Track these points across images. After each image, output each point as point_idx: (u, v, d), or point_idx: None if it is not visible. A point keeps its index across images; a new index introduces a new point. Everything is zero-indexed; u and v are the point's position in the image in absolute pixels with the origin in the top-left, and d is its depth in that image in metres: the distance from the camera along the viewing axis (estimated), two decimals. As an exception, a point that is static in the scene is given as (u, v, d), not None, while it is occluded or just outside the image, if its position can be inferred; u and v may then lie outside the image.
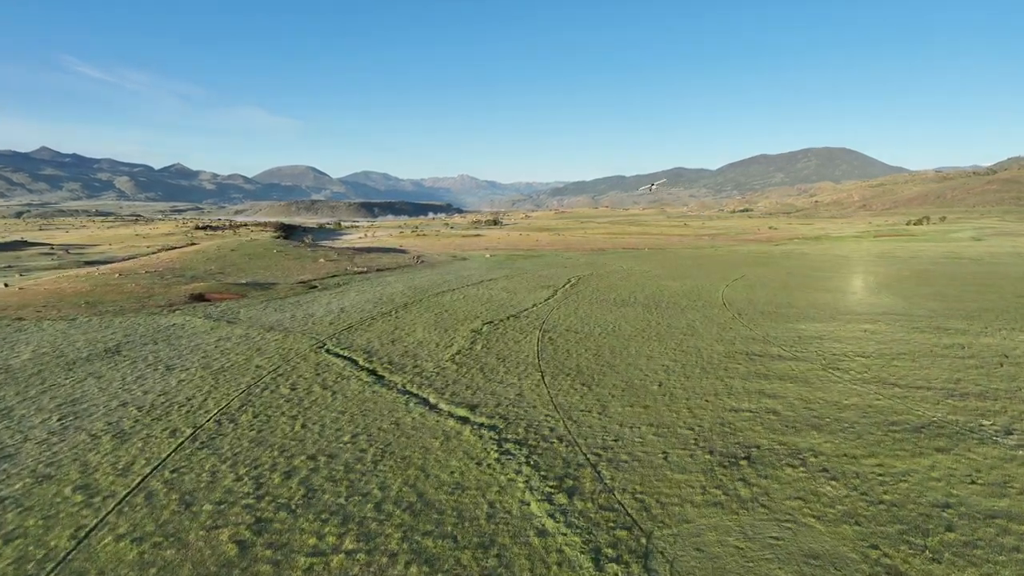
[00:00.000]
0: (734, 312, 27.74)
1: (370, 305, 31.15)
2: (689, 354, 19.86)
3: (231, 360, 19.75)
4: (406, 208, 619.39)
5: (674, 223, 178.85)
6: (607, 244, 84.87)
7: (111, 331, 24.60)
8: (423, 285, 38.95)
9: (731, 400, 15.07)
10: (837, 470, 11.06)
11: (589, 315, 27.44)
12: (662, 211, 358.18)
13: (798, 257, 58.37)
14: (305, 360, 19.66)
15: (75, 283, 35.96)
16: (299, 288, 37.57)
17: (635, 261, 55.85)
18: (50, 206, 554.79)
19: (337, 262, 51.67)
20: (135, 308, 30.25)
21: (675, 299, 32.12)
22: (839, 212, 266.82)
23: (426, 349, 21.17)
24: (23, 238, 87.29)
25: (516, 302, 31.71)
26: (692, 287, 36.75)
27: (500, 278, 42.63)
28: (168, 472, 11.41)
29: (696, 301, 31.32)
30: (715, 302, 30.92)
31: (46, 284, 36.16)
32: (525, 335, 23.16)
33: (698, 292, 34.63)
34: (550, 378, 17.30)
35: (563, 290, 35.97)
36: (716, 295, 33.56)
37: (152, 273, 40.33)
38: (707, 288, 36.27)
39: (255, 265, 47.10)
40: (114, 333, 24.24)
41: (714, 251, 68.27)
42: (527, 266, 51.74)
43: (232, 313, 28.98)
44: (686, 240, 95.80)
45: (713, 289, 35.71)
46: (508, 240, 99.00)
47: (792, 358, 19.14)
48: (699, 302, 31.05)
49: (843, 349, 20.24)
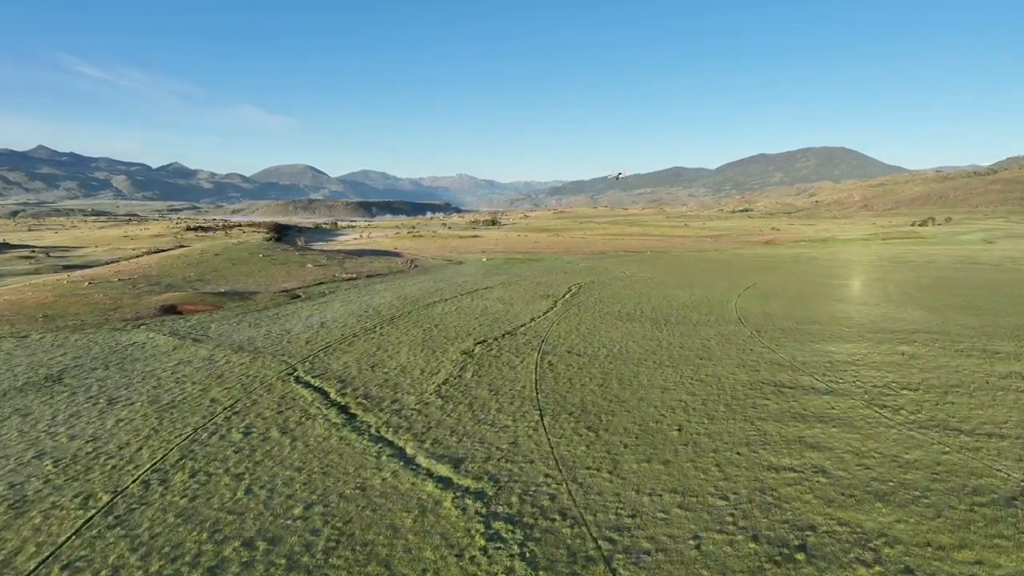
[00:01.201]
0: (752, 329, 25.23)
1: (354, 319, 28.61)
2: (709, 385, 17.33)
3: (185, 392, 17.20)
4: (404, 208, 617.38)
5: (674, 223, 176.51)
6: (607, 246, 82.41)
7: (61, 352, 22.06)
8: (414, 294, 36.41)
9: (767, 453, 12.55)
10: (925, 571, 8.54)
11: (592, 332, 24.91)
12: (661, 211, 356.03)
13: (807, 262, 55.89)
14: (269, 392, 17.12)
15: (39, 292, 33.40)
16: (281, 298, 35.02)
17: (638, 266, 53.34)
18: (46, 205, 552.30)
19: (326, 267, 49.13)
20: (97, 322, 27.69)
21: (685, 312, 29.61)
22: (840, 212, 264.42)
23: (409, 377, 18.63)
24: (5, 240, 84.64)
25: (512, 315, 29.20)
26: (701, 297, 34.25)
27: (496, 286, 40.10)
28: (57, 570, 8.87)
29: (708, 315, 28.80)
30: (729, 316, 28.41)
31: (7, 294, 33.58)
32: (522, 358, 20.63)
33: (709, 304, 32.12)
34: (550, 418, 14.78)
35: (563, 300, 33.45)
36: (729, 307, 31.07)
37: (125, 281, 37.78)
38: (718, 299, 33.76)
39: (238, 271, 44.55)
40: (64, 354, 21.69)
41: (719, 255, 65.78)
42: (525, 272, 49.23)
43: (202, 329, 26.43)
44: (688, 242, 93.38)
45: (724, 300, 33.20)
46: (506, 242, 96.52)
47: (828, 391, 16.62)
48: (711, 316, 28.54)
49: (884, 379, 17.71)
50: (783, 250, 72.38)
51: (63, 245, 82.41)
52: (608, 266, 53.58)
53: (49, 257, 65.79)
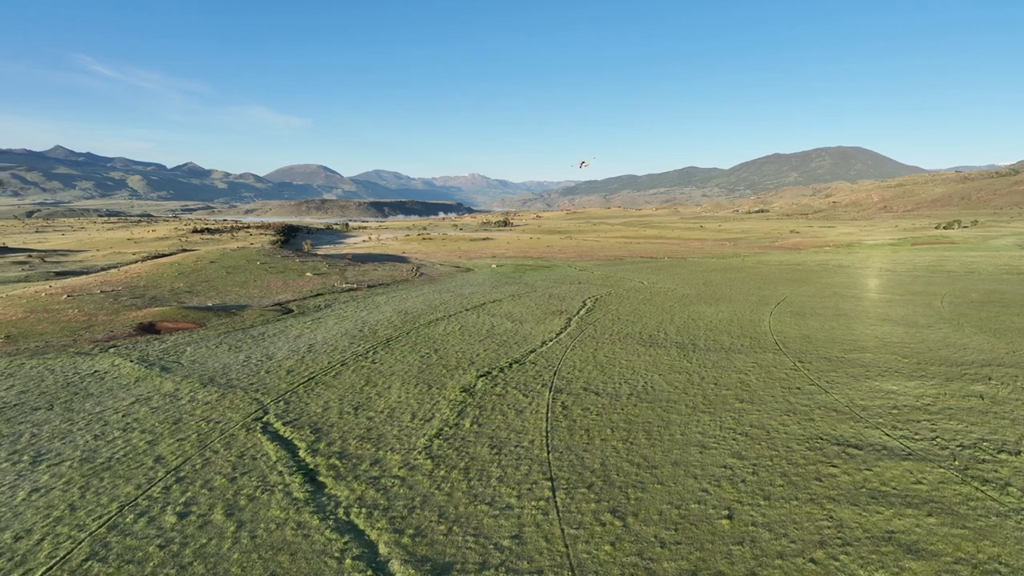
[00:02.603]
0: (793, 358, 22.08)
1: (346, 340, 25.77)
2: (757, 442, 14.28)
3: (129, 444, 14.38)
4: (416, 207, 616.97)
5: (689, 225, 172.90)
6: (622, 251, 79.24)
7: (7, 385, 19.36)
8: (416, 309, 33.53)
9: (854, 564, 9.48)
10: None
11: (612, 361, 21.89)
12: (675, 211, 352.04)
13: (837, 271, 52.48)
14: (228, 446, 14.26)
15: (9, 307, 30.86)
16: (271, 313, 32.27)
17: (656, 275, 50.18)
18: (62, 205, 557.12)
19: (325, 276, 46.42)
20: (63, 344, 25.04)
21: (714, 334, 26.51)
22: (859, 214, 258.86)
23: (397, 424, 15.72)
24: (4, 243, 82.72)
25: (522, 337, 26.25)
26: (730, 315, 31.10)
27: (505, 299, 37.15)
28: None
29: (741, 338, 25.69)
30: (764, 340, 25.28)
31: (-23, 308, 31.06)
32: (531, 398, 17.66)
33: (739, 323, 29.00)
34: (564, 494, 11.82)
35: (578, 318, 30.45)
36: (762, 327, 27.94)
37: (107, 293, 35.20)
38: (748, 317, 30.61)
39: (231, 281, 41.90)
40: (9, 388, 19.00)
41: (741, 262, 62.43)
42: (536, 281, 46.24)
43: (175, 353, 23.68)
44: (706, 246, 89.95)
45: (756, 319, 30.05)
46: (517, 245, 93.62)
47: (905, 452, 13.53)
48: (744, 339, 25.42)
49: (969, 435, 14.55)
50: (808, 256, 68.86)
51: (63, 249, 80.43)
52: (625, 275, 50.48)
53: (44, 263, 63.61)
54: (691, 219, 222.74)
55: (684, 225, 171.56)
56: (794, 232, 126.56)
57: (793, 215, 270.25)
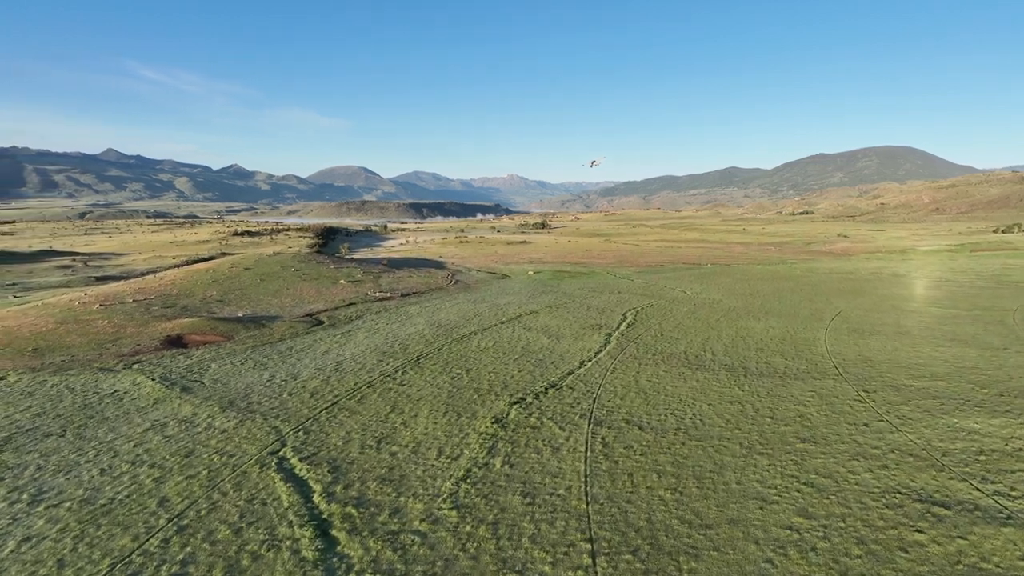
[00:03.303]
0: (856, 386, 20.14)
1: (374, 358, 24.65)
2: (826, 496, 12.56)
3: (136, 483, 13.39)
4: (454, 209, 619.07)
5: (731, 227, 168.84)
6: (663, 256, 76.98)
7: (25, 405, 18.70)
8: (449, 321, 32.33)
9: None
10: None
11: (656, 387, 20.27)
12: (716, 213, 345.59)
13: (893, 281, 49.66)
14: (239, 487, 13.15)
15: (42, 317, 30.61)
16: (300, 325, 31.42)
17: (699, 284, 48.13)
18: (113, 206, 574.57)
19: (359, 284, 45.62)
20: (88, 359, 24.48)
21: (766, 355, 24.64)
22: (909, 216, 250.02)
23: (422, 463, 14.42)
24: (52, 246, 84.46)
25: (558, 355, 24.78)
26: (782, 332, 29.12)
27: (542, 310, 35.70)
28: None
29: (795, 360, 23.78)
30: (822, 363, 23.31)
31: (10, 317, 30.90)
32: (568, 432, 16.19)
33: (793, 342, 27.04)
34: (606, 563, 10.30)
35: (618, 334, 28.84)
36: (818, 347, 25.94)
37: (139, 303, 34.84)
38: (802, 334, 28.59)
39: (264, 289, 41.33)
40: (27, 409, 18.32)
41: (789, 269, 59.78)
42: (575, 290, 44.67)
43: (199, 370, 22.86)
44: (750, 251, 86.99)
45: (810, 337, 28.01)
46: (555, 249, 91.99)
47: (1003, 515, 11.66)
48: (800, 362, 23.51)
49: (1075, 490, 12.64)
50: (859, 264, 65.74)
51: (107, 252, 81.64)
52: (666, 283, 48.55)
53: (87, 267, 64.39)
54: (733, 221, 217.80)
55: (726, 228, 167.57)
56: (842, 236, 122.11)
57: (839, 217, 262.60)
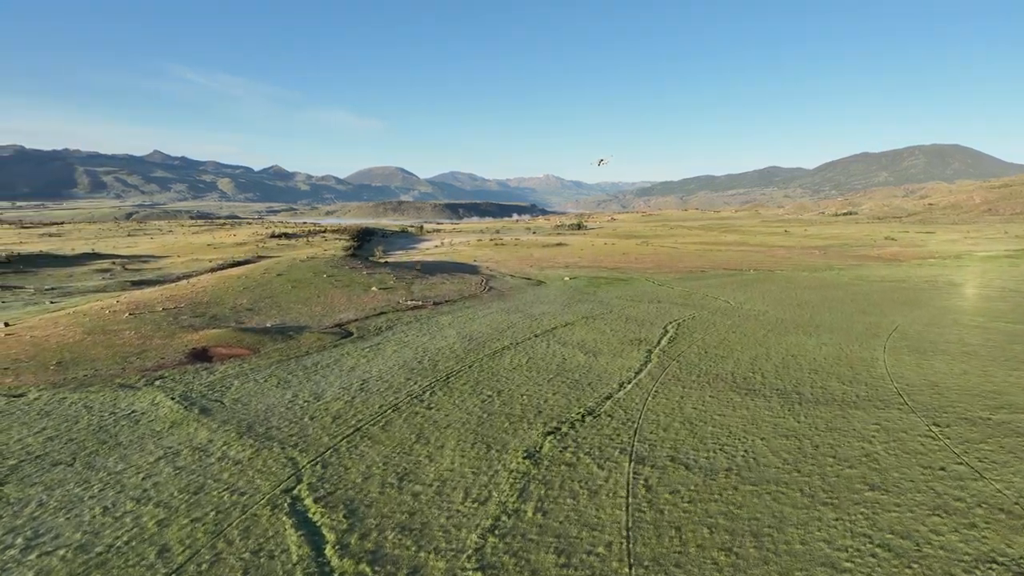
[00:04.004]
0: (925, 419, 18.26)
1: (402, 375, 23.54)
2: (908, 564, 10.82)
3: (137, 526, 12.38)
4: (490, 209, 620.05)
5: (772, 229, 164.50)
6: (703, 261, 74.62)
7: (40, 427, 18.01)
8: (481, 334, 31.10)
9: None
10: None
11: (702, 416, 18.68)
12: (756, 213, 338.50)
13: (950, 291, 46.83)
14: (246, 535, 12.04)
15: (70, 326, 30.27)
16: (328, 337, 30.53)
17: (742, 292, 46.06)
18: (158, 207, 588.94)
19: (391, 291, 44.72)
20: (111, 373, 23.87)
21: (821, 378, 22.80)
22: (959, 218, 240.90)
23: (446, 506, 13.15)
24: (94, 249, 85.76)
25: (596, 375, 23.33)
26: (836, 350, 27.15)
27: (578, 322, 34.24)
28: None
29: (854, 385, 21.90)
30: (883, 389, 21.39)
31: (41, 326, 30.65)
32: (607, 471, 14.75)
33: (849, 362, 25.09)
34: (654, 646, 8.95)
35: (659, 351, 27.22)
36: (877, 369, 23.96)
37: (169, 311, 34.38)
38: (858, 353, 26.58)
39: (295, 297, 40.67)
40: (40, 431, 17.61)
41: (836, 276, 57.06)
42: (612, 299, 43.05)
43: (220, 388, 22.02)
44: (793, 255, 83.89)
45: (868, 357, 25.99)
46: (591, 252, 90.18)
47: (1122, 594, 9.95)
48: (859, 387, 21.62)
49: None
50: (911, 271, 62.56)
51: (147, 255, 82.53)
52: (708, 291, 46.59)
53: (125, 270, 64.92)
54: (774, 222, 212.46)
55: (767, 229, 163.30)
56: (890, 239, 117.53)
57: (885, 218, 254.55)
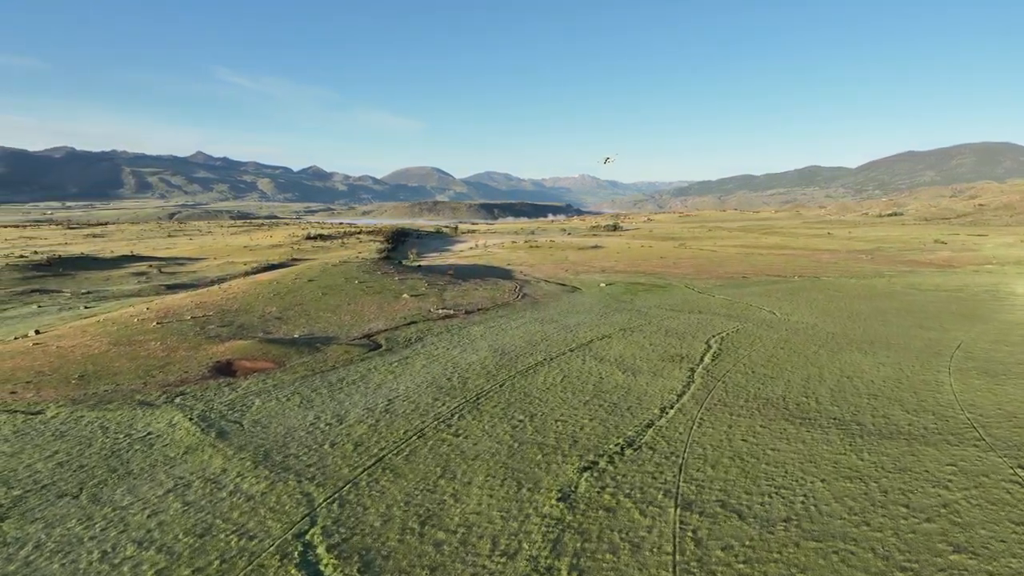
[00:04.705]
0: (1009, 460, 16.23)
1: (430, 395, 22.35)
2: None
3: (134, 575, 11.40)
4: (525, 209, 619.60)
5: (815, 231, 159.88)
6: (744, 266, 72.11)
7: (52, 450, 17.25)
8: (513, 347, 29.80)
9: None
10: None
11: (754, 451, 17.03)
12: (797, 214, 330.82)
13: (1014, 302, 43.88)
14: (251, 590, 10.94)
15: (97, 336, 29.85)
16: (356, 349, 29.54)
17: (788, 302, 43.88)
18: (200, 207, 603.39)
19: (423, 299, 43.70)
20: (132, 389, 23.18)
21: (882, 404, 20.91)
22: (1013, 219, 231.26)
23: (471, 559, 11.78)
24: (133, 251, 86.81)
25: (635, 398, 21.82)
26: (895, 371, 25.12)
27: (615, 334, 32.70)
28: None
29: (920, 414, 19.97)
30: (955, 420, 19.41)
31: (70, 336, 30.32)
32: (651, 519, 13.28)
33: (911, 386, 23.09)
34: None
35: (703, 370, 25.55)
36: (943, 395, 21.93)
37: (197, 319, 33.84)
38: (920, 375, 24.51)
39: (324, 305, 39.88)
40: (52, 455, 16.83)
41: (887, 284, 54.24)
42: (650, 308, 41.33)
43: (241, 407, 21.10)
44: (839, 260, 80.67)
45: (932, 379, 23.93)
46: (628, 255, 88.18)
47: None
48: (926, 417, 19.70)
49: None
50: (968, 278, 59.24)
51: (184, 257, 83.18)
52: (751, 300, 44.52)
53: (161, 273, 65.27)
54: (816, 223, 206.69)
55: (809, 231, 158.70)
56: (939, 243, 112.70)
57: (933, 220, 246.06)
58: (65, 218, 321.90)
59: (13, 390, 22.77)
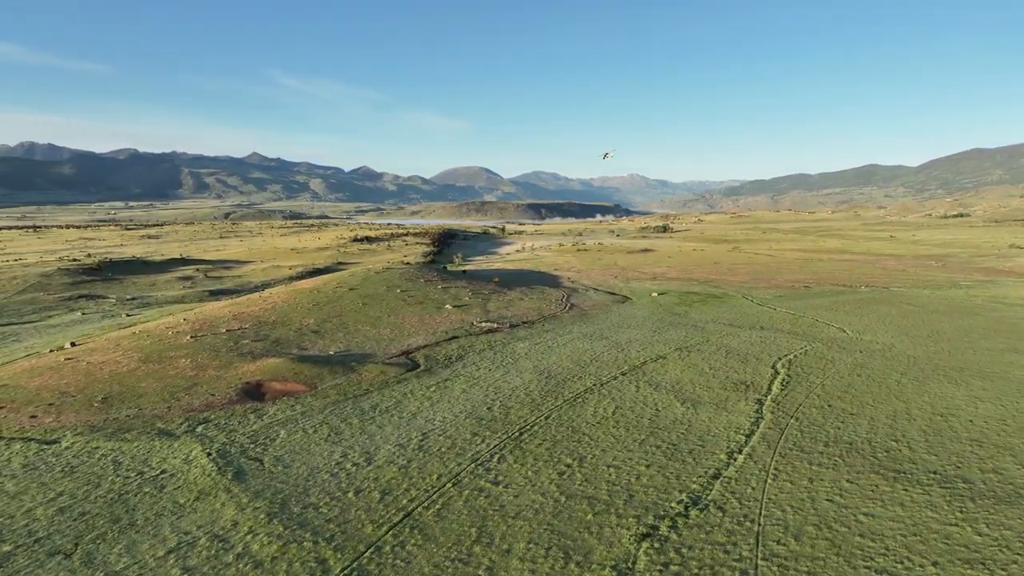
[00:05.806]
0: None
1: (468, 429, 20.34)
2: None
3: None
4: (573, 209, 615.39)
5: (876, 233, 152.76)
6: (804, 272, 68.20)
7: (59, 489, 15.85)
8: (560, 369, 27.61)
9: None
10: None
11: (843, 519, 14.34)
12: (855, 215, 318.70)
13: (1117, 318, 39.57)
14: None
15: (129, 351, 28.83)
16: (393, 369, 27.78)
17: (858, 316, 40.44)
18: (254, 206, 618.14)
19: (466, 310, 41.83)
20: (156, 414, 21.83)
21: (989, 453, 17.93)
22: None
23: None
24: (182, 254, 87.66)
25: (697, 436, 19.37)
26: (998, 409, 21.88)
27: (671, 355, 30.19)
28: None
29: (1041, 471, 17.01)
30: (1083, 478, 16.44)
31: (101, 350, 29.40)
32: (726, 613, 10.99)
33: (1022, 428, 20.01)
34: None
35: (772, 402, 22.85)
36: (1063, 444, 18.85)
37: (232, 333, 32.65)
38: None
39: (364, 316, 38.33)
40: (55, 499, 15.39)
41: (966, 296, 49.92)
42: (707, 321, 38.56)
43: (264, 441, 19.44)
44: (907, 267, 75.76)
45: (1044, 421, 20.78)
46: (680, 260, 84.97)
47: None
48: (1048, 474, 16.74)
49: None
50: (1057, 288, 54.43)
51: (231, 260, 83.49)
52: (816, 314, 41.23)
53: (207, 278, 65.23)
54: (875, 225, 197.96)
55: (869, 234, 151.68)
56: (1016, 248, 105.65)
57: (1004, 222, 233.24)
58: (127, 218, 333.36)
59: (33, 414, 21.68)
